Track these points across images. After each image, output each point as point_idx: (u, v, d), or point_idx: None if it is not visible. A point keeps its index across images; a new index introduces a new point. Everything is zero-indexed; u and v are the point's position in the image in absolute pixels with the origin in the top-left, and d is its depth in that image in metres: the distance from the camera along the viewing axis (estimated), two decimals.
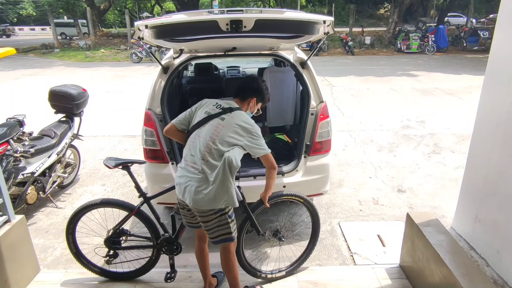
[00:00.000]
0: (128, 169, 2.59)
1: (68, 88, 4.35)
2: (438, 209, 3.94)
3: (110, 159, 2.58)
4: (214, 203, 2.14)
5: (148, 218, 2.63)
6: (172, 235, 2.63)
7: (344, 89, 10.02)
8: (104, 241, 2.64)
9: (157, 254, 2.69)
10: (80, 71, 14.42)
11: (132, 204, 2.63)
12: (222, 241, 2.28)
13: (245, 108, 2.40)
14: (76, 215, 2.64)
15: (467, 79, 11.08)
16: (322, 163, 3.18)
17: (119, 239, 2.66)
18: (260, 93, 2.46)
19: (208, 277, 2.60)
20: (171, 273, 2.61)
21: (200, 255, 2.54)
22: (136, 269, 2.74)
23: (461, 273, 2.13)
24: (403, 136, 6.25)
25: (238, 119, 2.25)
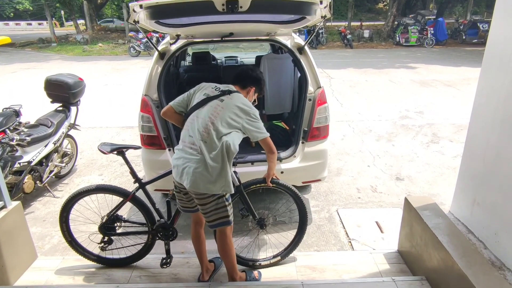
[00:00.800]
0: (123, 154, 2.56)
1: (64, 77, 4.31)
2: (436, 196, 3.94)
3: (105, 144, 2.55)
4: (211, 186, 2.12)
5: (143, 204, 2.60)
6: (168, 220, 2.61)
7: (342, 81, 9.99)
8: (98, 227, 2.61)
9: (152, 240, 2.68)
10: (78, 64, 14.35)
11: (127, 190, 2.61)
12: (219, 225, 2.26)
13: (244, 96, 2.38)
14: (70, 201, 2.60)
15: (466, 71, 11.06)
16: (320, 149, 3.17)
17: (114, 225, 2.64)
18: (259, 83, 2.46)
19: (205, 262, 2.59)
20: (167, 259, 2.60)
21: (196, 240, 2.52)
22: (132, 255, 2.73)
23: (459, 255, 2.12)
24: (402, 126, 6.24)
25: (237, 101, 2.23)
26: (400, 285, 2.42)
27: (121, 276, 2.64)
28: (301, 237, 2.75)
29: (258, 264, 2.71)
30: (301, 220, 2.72)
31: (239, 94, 2.31)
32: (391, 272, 2.71)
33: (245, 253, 2.80)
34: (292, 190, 2.61)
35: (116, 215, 2.62)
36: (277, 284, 2.41)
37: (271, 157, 2.38)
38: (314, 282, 2.48)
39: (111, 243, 2.66)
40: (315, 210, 3.66)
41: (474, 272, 1.97)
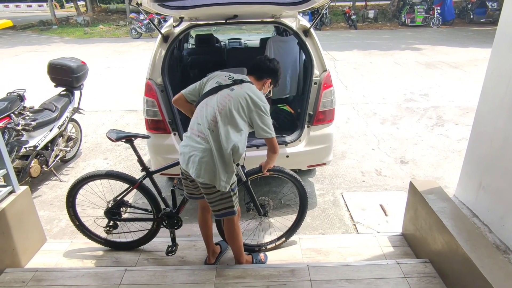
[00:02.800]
0: (131, 142, 2.55)
1: (67, 61, 4.28)
2: (440, 180, 3.94)
3: (112, 132, 2.53)
4: (214, 179, 2.09)
5: (150, 192, 2.61)
6: (173, 209, 2.63)
7: (347, 63, 9.86)
8: (104, 212, 2.64)
9: (157, 227, 2.70)
10: (79, 47, 14.22)
11: (134, 177, 2.62)
12: (224, 215, 2.26)
13: (259, 88, 2.32)
14: (77, 184, 2.62)
15: (473, 52, 10.86)
16: (326, 133, 3.16)
17: (119, 211, 2.66)
18: (276, 75, 2.40)
19: (211, 246, 2.62)
20: (172, 247, 2.62)
21: (203, 225, 2.53)
22: (138, 239, 2.77)
23: (464, 238, 2.14)
24: (406, 109, 6.19)
25: (248, 90, 2.17)
26: (404, 268, 2.45)
27: (129, 259, 2.69)
28: (303, 216, 2.78)
29: (263, 248, 2.75)
30: (301, 202, 2.74)
31: (251, 84, 2.24)
32: (395, 254, 2.74)
33: (250, 239, 2.83)
34: (289, 174, 2.61)
35: (122, 200, 2.64)
36: (283, 267, 2.44)
37: (272, 156, 2.36)
38: (319, 265, 2.51)
39: (116, 227, 2.70)
40: (319, 194, 3.68)
41: (478, 256, 1.98)
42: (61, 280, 2.38)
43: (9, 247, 2.50)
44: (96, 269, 2.58)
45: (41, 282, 2.36)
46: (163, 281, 2.36)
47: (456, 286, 2.16)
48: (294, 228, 2.80)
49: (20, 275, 2.42)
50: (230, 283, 2.33)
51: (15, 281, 2.37)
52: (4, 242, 2.46)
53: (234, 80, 2.22)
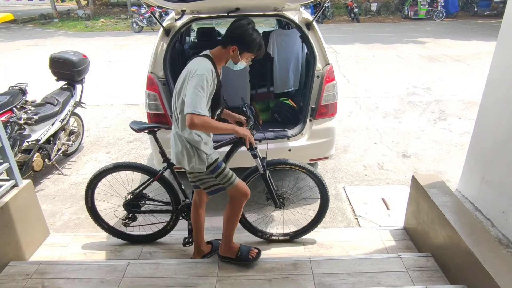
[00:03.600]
0: (154, 133, 2.51)
1: (68, 55, 4.27)
2: (443, 174, 3.93)
3: (136, 123, 2.50)
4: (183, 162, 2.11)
5: (170, 184, 2.60)
6: None
7: (349, 57, 9.81)
8: (123, 204, 2.64)
9: (176, 219, 2.70)
10: (81, 41, 14.18)
11: (155, 169, 2.60)
12: (213, 192, 2.24)
13: (226, 58, 2.10)
14: (97, 176, 2.62)
15: (476, 45, 10.78)
16: (328, 127, 3.15)
17: (139, 203, 2.65)
18: (242, 41, 2.04)
19: (200, 243, 2.55)
20: (189, 238, 2.62)
21: (195, 218, 2.49)
22: (156, 232, 2.77)
23: (466, 232, 2.14)
24: (409, 103, 6.16)
25: (190, 64, 2.01)
26: (406, 261, 2.46)
27: (132, 252, 2.70)
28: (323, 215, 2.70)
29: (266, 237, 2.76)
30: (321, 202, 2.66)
31: (200, 58, 2.02)
32: (397, 248, 2.75)
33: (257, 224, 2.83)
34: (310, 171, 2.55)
35: (141, 193, 2.63)
36: (285, 260, 2.45)
37: None
38: (321, 258, 2.52)
39: (135, 220, 2.69)
40: None
41: (481, 250, 1.98)
42: (64, 273, 2.40)
43: (13, 240, 2.52)
44: (99, 262, 2.59)
45: (44, 275, 2.38)
46: (165, 274, 2.37)
47: (458, 279, 2.16)
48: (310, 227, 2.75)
49: (24, 268, 2.43)
50: (233, 276, 2.34)
51: (19, 274, 2.38)
52: (7, 236, 2.47)
53: None
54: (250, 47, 2.08)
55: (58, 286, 2.30)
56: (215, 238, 2.74)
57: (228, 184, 2.20)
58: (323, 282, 2.30)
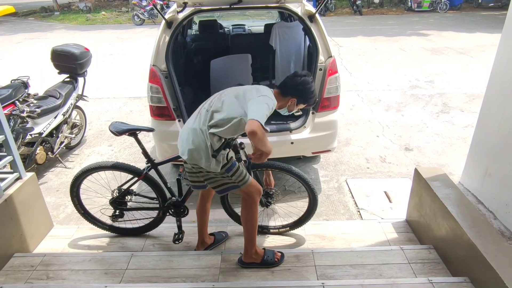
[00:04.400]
0: (135, 136, 2.48)
1: (70, 48, 4.26)
2: (445, 167, 3.93)
3: (115, 125, 2.45)
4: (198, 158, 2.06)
5: (156, 183, 2.59)
6: (179, 198, 2.61)
7: (351, 49, 9.75)
8: (110, 201, 2.64)
9: (163, 214, 2.71)
10: (82, 34, 14.13)
11: (139, 169, 2.57)
12: (223, 191, 2.22)
13: (282, 104, 2.16)
14: (81, 175, 2.60)
15: (480, 38, 10.69)
16: (330, 120, 3.14)
17: (125, 200, 2.66)
18: (303, 96, 2.15)
19: (203, 235, 2.60)
20: (179, 234, 2.64)
21: (200, 212, 2.53)
22: (144, 225, 2.79)
23: (469, 225, 2.14)
24: (411, 96, 6.13)
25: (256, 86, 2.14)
26: (408, 253, 2.47)
27: (135, 245, 2.72)
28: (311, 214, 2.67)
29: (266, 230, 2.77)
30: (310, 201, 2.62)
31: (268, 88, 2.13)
32: (399, 240, 2.75)
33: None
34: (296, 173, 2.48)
35: (128, 189, 2.63)
36: (287, 252, 2.46)
37: None
38: (324, 250, 2.53)
39: (122, 216, 2.70)
40: (324, 180, 3.68)
41: (483, 242, 1.99)
42: (68, 265, 2.42)
43: (17, 232, 2.54)
44: (102, 254, 2.61)
45: (49, 267, 2.40)
46: (169, 266, 2.39)
47: (460, 272, 2.17)
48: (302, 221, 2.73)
49: (29, 260, 2.46)
50: (236, 267, 2.36)
51: (24, 265, 2.41)
52: (12, 228, 2.49)
53: None
54: (308, 101, 2.21)
55: (63, 277, 2.32)
56: (218, 230, 2.76)
57: (243, 183, 2.17)
58: (326, 273, 2.31)
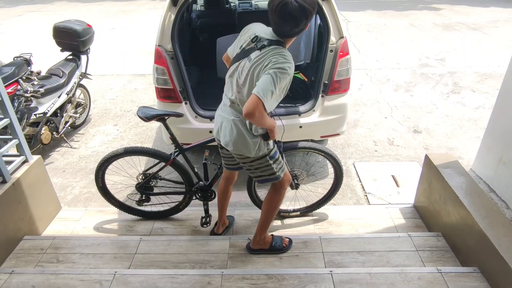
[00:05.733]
0: (164, 121, 2.40)
1: (72, 24, 4.14)
2: (454, 150, 3.87)
3: (144, 109, 2.34)
4: (242, 148, 1.97)
5: (183, 168, 2.55)
6: (206, 182, 2.59)
7: (360, 25, 9.46)
8: (136, 186, 2.61)
9: (189, 199, 2.70)
10: (83, 6, 13.78)
11: (167, 154, 2.51)
12: (265, 181, 2.13)
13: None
14: (107, 160, 2.55)
15: (494, 12, 10.31)
16: (340, 103, 3.07)
17: (151, 185, 2.62)
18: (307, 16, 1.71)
19: (224, 217, 2.62)
20: (206, 217, 2.63)
21: (223, 195, 2.50)
22: (170, 208, 2.78)
23: (481, 215, 2.11)
24: (421, 75, 5.98)
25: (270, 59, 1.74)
26: (416, 241, 2.46)
27: (144, 228, 2.73)
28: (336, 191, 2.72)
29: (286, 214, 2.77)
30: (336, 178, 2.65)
31: (277, 48, 1.77)
32: (407, 227, 2.75)
33: None
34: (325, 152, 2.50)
35: (156, 175, 2.59)
36: (295, 238, 2.46)
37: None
38: (331, 237, 2.53)
39: (149, 201, 2.68)
40: None
41: (496, 233, 1.96)
42: (78, 248, 2.44)
43: (26, 215, 2.55)
44: (111, 237, 2.63)
45: (59, 250, 2.42)
46: (177, 250, 2.40)
47: (469, 261, 2.16)
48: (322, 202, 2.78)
49: (38, 243, 2.48)
50: (244, 253, 2.37)
51: (34, 248, 2.43)
52: (21, 211, 2.50)
53: (256, 43, 1.82)
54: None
55: (73, 261, 2.34)
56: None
57: (281, 171, 2.12)
58: (333, 260, 2.32)
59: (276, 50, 1.76)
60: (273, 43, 1.78)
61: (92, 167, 3.71)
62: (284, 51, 1.77)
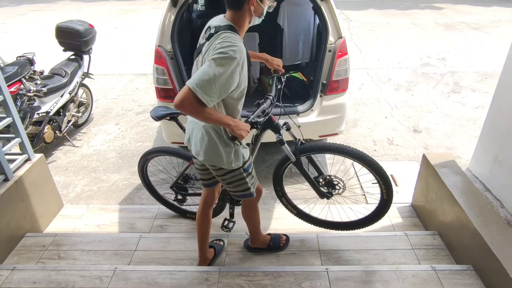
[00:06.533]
0: (176, 120, 2.33)
1: (74, 24, 4.19)
2: (453, 150, 3.89)
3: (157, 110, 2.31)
4: (214, 158, 1.80)
5: None
6: None
7: (362, 24, 9.47)
8: (170, 186, 2.64)
9: (222, 201, 2.51)
10: (86, 5, 13.85)
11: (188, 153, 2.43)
12: (240, 196, 2.04)
13: (248, 19, 1.68)
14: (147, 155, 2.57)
15: (496, 12, 10.29)
16: (339, 103, 3.09)
17: (185, 185, 2.62)
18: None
19: (205, 248, 2.26)
20: (229, 222, 2.38)
21: (203, 221, 2.18)
22: None
23: (475, 214, 2.14)
24: (422, 74, 5.99)
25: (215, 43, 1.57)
26: (412, 239, 2.49)
27: (144, 225, 2.78)
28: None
29: None
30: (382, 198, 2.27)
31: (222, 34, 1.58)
32: (404, 225, 2.77)
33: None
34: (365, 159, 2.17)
35: (187, 174, 2.58)
36: (292, 236, 2.50)
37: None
38: (328, 235, 2.56)
39: (184, 201, 2.69)
40: (330, 163, 3.67)
41: (489, 232, 1.99)
42: (79, 245, 2.48)
43: (28, 213, 2.59)
44: (112, 235, 2.67)
45: (60, 247, 2.47)
46: (176, 248, 2.44)
47: (463, 259, 2.19)
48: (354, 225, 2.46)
49: (40, 240, 2.52)
50: (241, 251, 2.40)
51: (36, 245, 2.48)
52: (23, 208, 2.55)
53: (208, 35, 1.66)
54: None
55: (74, 257, 2.39)
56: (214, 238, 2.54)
57: (253, 186, 2.00)
58: (330, 258, 2.36)
59: (222, 35, 1.57)
60: (221, 29, 1.61)
61: (94, 166, 3.77)
62: (229, 34, 1.57)
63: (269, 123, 2.00)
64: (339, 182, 2.28)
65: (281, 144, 2.03)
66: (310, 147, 2.16)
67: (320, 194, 2.29)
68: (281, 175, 2.36)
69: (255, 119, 1.86)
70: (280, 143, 2.02)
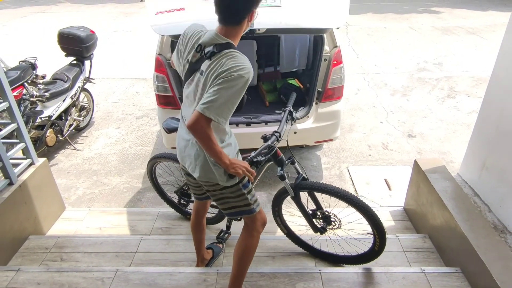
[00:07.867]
0: None
1: (76, 30, 4.28)
2: (447, 154, 3.98)
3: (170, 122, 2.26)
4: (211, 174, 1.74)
5: None
6: None
7: (360, 28, 9.57)
8: (175, 191, 2.75)
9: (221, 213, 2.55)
10: (86, 8, 13.94)
11: None
12: (237, 213, 1.90)
13: (242, 32, 1.66)
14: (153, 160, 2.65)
15: (493, 16, 10.40)
16: (334, 110, 3.18)
17: (189, 192, 2.68)
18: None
19: (202, 251, 2.33)
20: (224, 234, 2.49)
21: (196, 228, 2.23)
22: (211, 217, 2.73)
23: (463, 218, 2.23)
24: (418, 79, 6.09)
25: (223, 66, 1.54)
26: (404, 242, 2.58)
27: (144, 228, 2.86)
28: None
29: None
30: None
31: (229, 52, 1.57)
32: (396, 229, 2.86)
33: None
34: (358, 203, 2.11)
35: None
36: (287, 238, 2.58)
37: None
38: (322, 238, 2.64)
39: (187, 205, 2.81)
40: (326, 167, 3.76)
41: (476, 236, 2.08)
42: (81, 247, 2.57)
43: (31, 216, 2.68)
44: (113, 237, 2.75)
45: (63, 249, 2.55)
46: (176, 249, 2.53)
47: (452, 262, 2.28)
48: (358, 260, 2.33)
49: (43, 242, 2.61)
50: None
51: (39, 247, 2.56)
52: (26, 211, 2.63)
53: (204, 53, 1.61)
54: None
55: (76, 259, 2.47)
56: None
57: (257, 205, 1.89)
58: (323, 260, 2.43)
59: (230, 55, 1.56)
60: (223, 47, 1.58)
61: (95, 169, 3.85)
62: (236, 54, 1.58)
63: (273, 157, 1.97)
64: (336, 220, 2.30)
65: (282, 179, 2.03)
66: (312, 186, 2.12)
67: (314, 228, 2.32)
68: (280, 203, 2.35)
69: (257, 158, 1.83)
70: (281, 178, 2.01)
